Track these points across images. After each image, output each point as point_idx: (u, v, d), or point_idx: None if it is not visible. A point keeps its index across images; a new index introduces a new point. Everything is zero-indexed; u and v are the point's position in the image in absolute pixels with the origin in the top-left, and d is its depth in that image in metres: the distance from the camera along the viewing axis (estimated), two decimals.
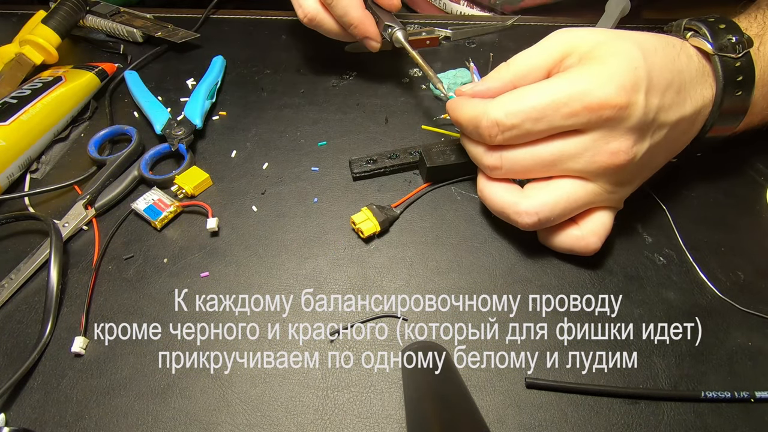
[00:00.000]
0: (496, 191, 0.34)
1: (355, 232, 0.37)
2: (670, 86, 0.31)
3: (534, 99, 0.30)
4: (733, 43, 0.32)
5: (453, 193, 0.40)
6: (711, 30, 0.33)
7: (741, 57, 0.32)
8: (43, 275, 0.35)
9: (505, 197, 0.33)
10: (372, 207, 0.37)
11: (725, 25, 0.33)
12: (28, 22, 0.53)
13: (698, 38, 0.33)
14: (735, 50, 0.32)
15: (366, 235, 0.36)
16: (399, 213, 0.38)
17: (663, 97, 0.30)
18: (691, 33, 0.34)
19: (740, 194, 0.40)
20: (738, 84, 0.32)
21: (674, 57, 0.32)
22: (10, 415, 0.29)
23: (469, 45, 0.54)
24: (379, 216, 0.37)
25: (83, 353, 0.32)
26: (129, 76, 0.49)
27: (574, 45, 0.32)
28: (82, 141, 0.45)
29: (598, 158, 0.30)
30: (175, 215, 0.39)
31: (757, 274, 0.35)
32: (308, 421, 0.29)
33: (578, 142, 0.31)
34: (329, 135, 0.45)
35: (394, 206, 0.39)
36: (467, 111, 0.33)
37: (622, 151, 0.30)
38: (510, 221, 0.34)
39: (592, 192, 0.32)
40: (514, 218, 0.33)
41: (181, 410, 0.29)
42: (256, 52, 0.54)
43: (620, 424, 0.29)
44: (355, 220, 0.37)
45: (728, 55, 0.32)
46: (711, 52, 0.32)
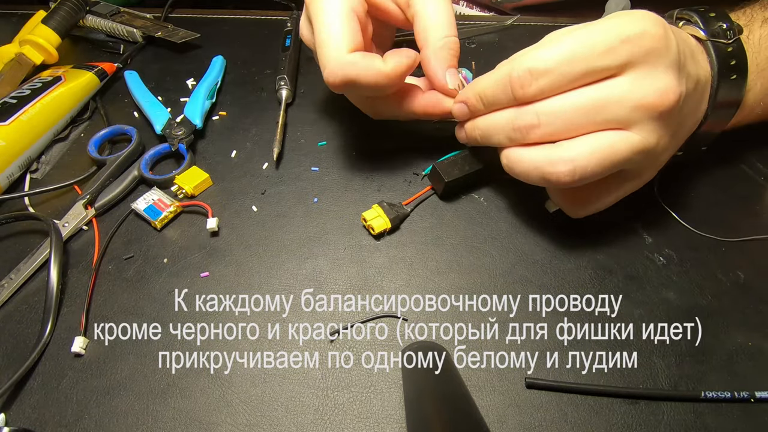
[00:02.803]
0: (527, 151, 0.31)
1: (366, 228, 0.37)
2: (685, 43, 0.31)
3: (567, 41, 0.29)
4: (724, 30, 0.33)
5: (453, 193, 0.40)
6: (702, 18, 0.33)
7: (732, 42, 0.33)
8: (43, 275, 0.35)
9: (537, 153, 0.31)
10: (383, 204, 0.37)
11: (715, 14, 0.34)
12: (28, 22, 0.53)
13: (691, 26, 0.34)
14: (726, 36, 0.33)
15: (377, 231, 0.37)
16: (410, 211, 0.38)
17: (684, 48, 0.30)
18: (683, 22, 0.35)
19: (740, 194, 0.40)
20: (732, 68, 0.33)
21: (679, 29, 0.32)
22: (10, 415, 0.29)
23: (469, 45, 0.54)
24: (389, 213, 0.37)
25: (83, 353, 0.32)
26: (129, 76, 0.49)
27: None
28: (82, 141, 0.45)
29: (647, 99, 0.28)
30: (175, 215, 0.39)
31: (757, 274, 0.35)
32: (308, 421, 0.29)
33: (622, 82, 0.29)
34: (329, 135, 0.45)
35: (405, 204, 0.39)
36: (491, 77, 0.32)
37: (670, 89, 0.28)
38: (544, 180, 0.31)
39: (634, 145, 0.29)
40: (548, 171, 0.30)
41: (181, 410, 0.29)
42: (256, 52, 0.54)
43: (620, 424, 0.29)
44: (366, 217, 0.37)
45: (720, 41, 0.33)
46: (704, 38, 0.33)
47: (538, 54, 0.29)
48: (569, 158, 0.29)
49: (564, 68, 0.29)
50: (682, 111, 0.30)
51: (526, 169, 0.31)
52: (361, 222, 0.38)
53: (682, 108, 0.30)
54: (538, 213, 0.37)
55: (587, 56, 0.28)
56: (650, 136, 0.29)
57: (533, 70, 0.29)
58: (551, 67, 0.29)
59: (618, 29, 0.28)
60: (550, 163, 0.30)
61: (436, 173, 0.38)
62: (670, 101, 0.28)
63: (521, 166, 0.32)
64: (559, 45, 0.29)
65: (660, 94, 0.28)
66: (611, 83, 0.29)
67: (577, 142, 0.30)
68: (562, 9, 0.61)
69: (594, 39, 0.28)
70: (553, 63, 0.29)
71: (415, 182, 0.41)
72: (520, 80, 0.30)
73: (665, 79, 0.28)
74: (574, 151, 0.29)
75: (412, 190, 0.40)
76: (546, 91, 0.30)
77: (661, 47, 0.28)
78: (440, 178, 0.37)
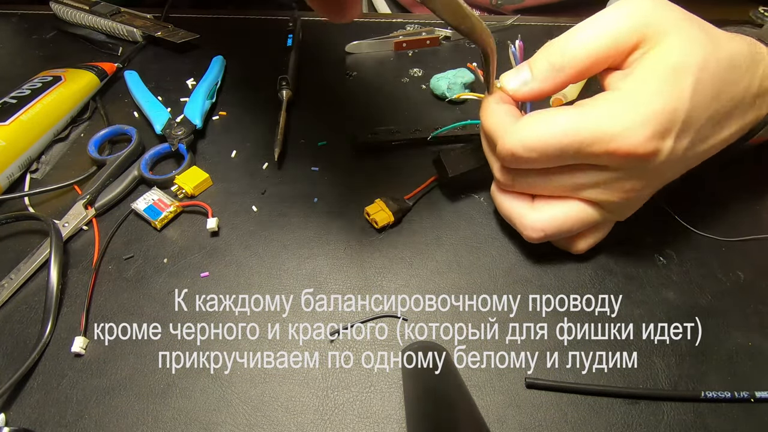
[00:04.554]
0: (507, 199, 0.34)
1: (369, 222, 0.38)
2: (713, 117, 0.28)
3: (555, 136, 0.27)
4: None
5: (453, 192, 0.40)
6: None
7: None
8: (43, 275, 0.35)
9: (514, 207, 0.33)
10: (385, 198, 0.38)
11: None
12: None
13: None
14: None
15: (380, 225, 0.37)
16: (412, 204, 0.39)
17: (697, 133, 0.27)
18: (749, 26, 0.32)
19: (740, 194, 0.40)
20: None
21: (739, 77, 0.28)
22: (10, 415, 0.29)
23: (469, 45, 0.54)
24: (392, 207, 0.37)
25: (83, 353, 0.32)
26: (129, 76, 0.49)
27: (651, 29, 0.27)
28: (82, 141, 0.45)
29: (613, 194, 0.30)
30: (175, 215, 0.39)
31: (757, 274, 0.35)
32: (308, 421, 0.29)
33: (595, 176, 0.29)
34: (329, 135, 0.45)
35: (407, 198, 0.39)
36: (490, 123, 0.31)
37: (635, 190, 0.29)
38: (515, 228, 0.34)
39: (602, 215, 0.32)
40: (519, 229, 0.33)
41: (181, 410, 0.29)
42: (256, 52, 0.54)
43: (620, 424, 0.29)
44: (369, 211, 0.37)
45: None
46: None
47: (525, 141, 0.28)
48: (540, 226, 0.32)
49: (544, 161, 0.29)
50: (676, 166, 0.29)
51: (505, 215, 0.34)
52: (364, 216, 0.38)
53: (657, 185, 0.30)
54: None
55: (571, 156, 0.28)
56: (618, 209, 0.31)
57: (516, 156, 0.29)
58: (533, 158, 0.28)
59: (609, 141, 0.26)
60: (522, 225, 0.33)
61: (440, 162, 0.38)
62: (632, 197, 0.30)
63: (501, 210, 0.35)
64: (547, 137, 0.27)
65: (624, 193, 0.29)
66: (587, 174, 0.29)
67: (551, 209, 0.32)
68: (563, 10, 0.61)
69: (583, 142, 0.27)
70: (536, 155, 0.28)
71: (416, 181, 0.41)
72: (502, 158, 0.30)
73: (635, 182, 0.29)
74: (546, 217, 0.32)
75: (412, 189, 0.40)
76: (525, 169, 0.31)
77: (643, 163, 0.27)
78: (443, 169, 0.38)
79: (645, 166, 0.28)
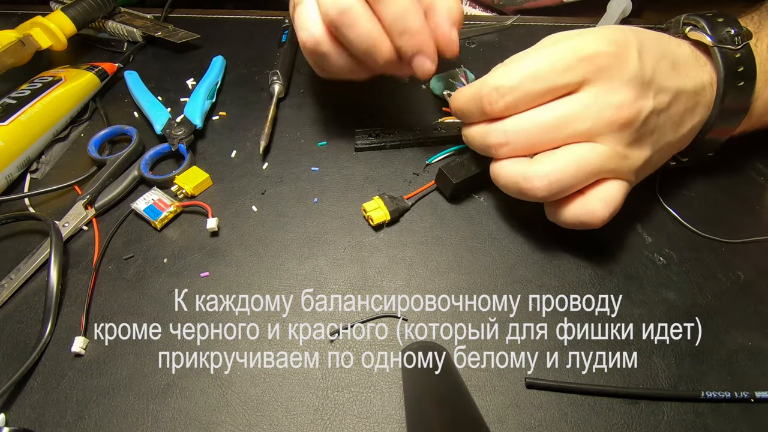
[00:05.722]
0: (506, 165, 0.33)
1: (366, 219, 0.38)
2: (663, 57, 0.31)
3: (530, 60, 0.31)
4: (732, 35, 0.32)
5: (461, 193, 0.40)
6: (709, 23, 0.33)
7: (740, 49, 0.32)
8: (43, 275, 0.35)
9: (514, 168, 0.32)
10: (384, 196, 0.38)
11: (723, 19, 0.33)
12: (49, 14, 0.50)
13: (697, 32, 0.33)
14: (734, 42, 0.32)
15: (376, 223, 0.37)
16: (410, 205, 0.39)
17: (657, 63, 0.31)
18: (690, 27, 0.34)
19: (740, 194, 0.40)
20: (740, 75, 0.32)
21: (666, 40, 0.32)
22: (10, 415, 0.29)
23: (469, 45, 0.54)
24: (390, 205, 0.37)
25: (83, 353, 0.32)
26: (129, 76, 0.49)
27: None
28: (82, 141, 0.45)
29: (604, 113, 0.30)
30: (175, 215, 0.39)
31: (757, 274, 0.35)
32: (308, 421, 0.29)
33: (580, 98, 0.30)
34: (329, 135, 0.45)
35: (407, 198, 0.39)
36: (466, 92, 0.34)
37: (625, 104, 0.30)
38: (522, 194, 0.32)
39: (603, 154, 0.31)
40: (525, 186, 0.32)
41: (181, 410, 0.29)
42: (256, 52, 0.54)
43: (620, 424, 0.29)
44: (366, 208, 0.37)
45: (728, 47, 0.32)
46: (710, 44, 0.32)
47: (504, 71, 0.31)
48: (544, 173, 0.31)
49: (528, 85, 0.30)
50: (651, 123, 0.31)
51: (507, 183, 0.33)
52: (361, 212, 0.38)
53: (648, 120, 0.31)
54: (539, 213, 0.37)
55: (548, 73, 0.30)
56: (618, 146, 0.31)
57: (499, 87, 0.31)
58: (516, 84, 0.30)
59: (575, 48, 0.30)
60: (525, 179, 0.31)
61: (443, 175, 0.38)
62: (626, 114, 0.30)
63: (503, 180, 0.33)
64: (523, 63, 0.31)
65: (616, 109, 0.30)
66: (571, 99, 0.30)
67: (551, 156, 0.31)
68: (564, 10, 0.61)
69: (554, 57, 0.30)
70: (518, 80, 0.30)
71: (416, 182, 0.41)
72: (489, 97, 0.31)
73: (622, 94, 0.30)
74: (549, 166, 0.31)
75: (412, 189, 0.40)
76: (512, 107, 0.31)
77: (614, 65, 0.29)
78: (446, 180, 0.38)
79: (621, 74, 0.30)
